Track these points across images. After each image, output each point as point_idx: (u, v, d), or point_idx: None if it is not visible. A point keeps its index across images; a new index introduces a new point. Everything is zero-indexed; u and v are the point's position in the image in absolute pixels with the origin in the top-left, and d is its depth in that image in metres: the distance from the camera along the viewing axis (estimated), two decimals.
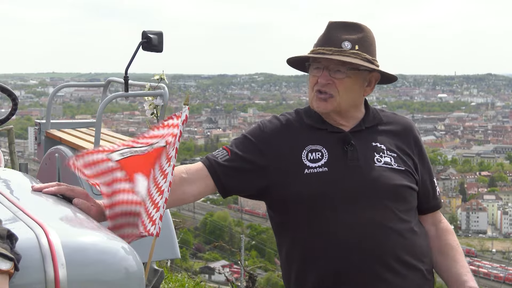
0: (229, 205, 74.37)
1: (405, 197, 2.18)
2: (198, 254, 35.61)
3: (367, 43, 2.19)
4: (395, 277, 2.10)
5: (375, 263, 2.08)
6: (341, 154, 2.15)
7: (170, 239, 3.59)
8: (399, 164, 2.19)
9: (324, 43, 2.18)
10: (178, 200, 2.15)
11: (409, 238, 2.14)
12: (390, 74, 2.23)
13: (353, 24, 2.20)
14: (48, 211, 1.80)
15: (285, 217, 2.19)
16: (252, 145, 2.19)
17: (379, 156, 2.18)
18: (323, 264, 2.10)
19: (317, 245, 2.11)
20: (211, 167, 2.16)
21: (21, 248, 1.44)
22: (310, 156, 2.15)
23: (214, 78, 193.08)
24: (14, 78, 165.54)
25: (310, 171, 2.12)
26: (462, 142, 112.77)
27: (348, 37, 2.16)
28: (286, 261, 2.23)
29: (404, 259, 2.12)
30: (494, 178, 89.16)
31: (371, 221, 2.09)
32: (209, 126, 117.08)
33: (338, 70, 2.15)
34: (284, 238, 2.23)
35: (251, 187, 2.19)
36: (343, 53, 2.13)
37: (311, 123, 2.22)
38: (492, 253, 69.10)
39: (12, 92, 3.04)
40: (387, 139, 2.24)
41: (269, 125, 2.24)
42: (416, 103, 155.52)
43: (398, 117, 2.34)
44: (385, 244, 2.09)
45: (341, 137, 2.19)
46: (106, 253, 1.53)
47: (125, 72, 3.94)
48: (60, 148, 4.28)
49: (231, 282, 7.62)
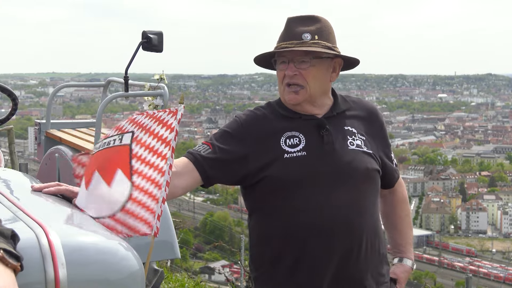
0: (229, 205, 74.44)
1: (375, 179, 2.32)
2: (198, 254, 35.62)
3: (326, 32, 2.30)
4: (364, 256, 2.25)
5: (348, 242, 2.21)
6: (317, 139, 2.27)
7: (170, 239, 3.59)
8: (367, 147, 2.32)
9: (285, 38, 2.29)
10: (170, 194, 2.16)
11: (376, 219, 2.32)
12: (351, 57, 2.34)
13: (310, 17, 2.32)
14: (48, 211, 1.81)
15: (264, 200, 2.28)
16: (231, 137, 2.29)
17: (351, 139, 2.31)
18: (299, 245, 2.20)
19: (294, 225, 2.21)
20: (196, 161, 2.24)
21: (21, 248, 1.44)
22: (289, 142, 2.26)
23: (214, 78, 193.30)
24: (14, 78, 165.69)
25: (290, 156, 2.23)
26: (462, 142, 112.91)
27: (306, 29, 2.28)
28: (259, 244, 2.33)
29: (371, 239, 2.27)
30: (494, 178, 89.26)
31: (345, 202, 2.21)
32: (209, 126, 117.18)
33: (302, 61, 2.26)
34: (260, 221, 2.32)
35: (234, 175, 2.29)
36: (304, 44, 2.25)
37: (285, 113, 2.33)
38: (492, 253, 69.17)
39: (12, 92, 3.04)
40: (356, 123, 2.37)
41: (245, 117, 2.35)
42: (416, 103, 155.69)
43: (364, 102, 2.48)
44: (357, 224, 2.22)
45: (316, 123, 2.30)
46: (106, 253, 1.53)
47: (125, 72, 3.94)
48: (60, 148, 4.29)
49: (231, 282, 7.62)
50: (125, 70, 3.93)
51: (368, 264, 2.27)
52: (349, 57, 2.33)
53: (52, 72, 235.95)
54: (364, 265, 2.25)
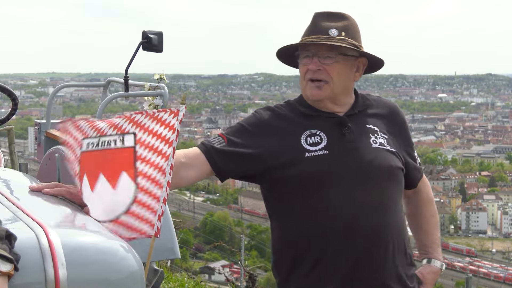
0: (229, 205, 74.42)
1: (399, 178, 2.27)
2: (198, 254, 35.60)
3: (352, 30, 2.25)
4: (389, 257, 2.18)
5: (372, 243, 2.15)
6: (339, 137, 2.21)
7: (170, 239, 3.58)
8: (390, 145, 2.27)
9: (311, 32, 2.24)
10: (175, 184, 2.16)
11: (400, 218, 2.26)
12: (377, 57, 2.29)
13: (337, 14, 2.27)
14: (48, 211, 1.81)
15: (285, 200, 2.22)
16: (247, 132, 2.24)
17: (374, 137, 2.26)
18: (322, 244, 2.15)
19: (315, 226, 2.16)
20: (208, 153, 2.19)
21: (21, 248, 1.44)
22: (309, 140, 2.20)
23: (214, 78, 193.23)
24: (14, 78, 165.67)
25: (311, 154, 2.17)
26: (462, 142, 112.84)
27: (334, 24, 2.23)
28: (281, 244, 2.27)
29: (396, 239, 2.20)
30: (494, 178, 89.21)
31: (369, 201, 2.16)
32: (209, 126, 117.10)
33: (327, 56, 2.21)
34: (280, 222, 2.26)
35: (247, 171, 2.24)
36: (331, 40, 2.20)
37: (306, 111, 2.27)
38: (492, 253, 69.12)
39: (12, 92, 3.04)
40: (378, 121, 2.32)
41: (264, 113, 2.29)
42: (416, 103, 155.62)
43: (384, 100, 2.43)
44: (381, 224, 2.17)
45: (338, 121, 2.24)
46: (106, 253, 1.53)
47: (125, 72, 3.94)
48: (60, 148, 4.27)
49: (231, 282, 7.61)
50: (125, 70, 3.93)
51: (394, 265, 2.19)
52: (375, 56, 2.28)
53: (52, 72, 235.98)
54: (390, 266, 2.18)
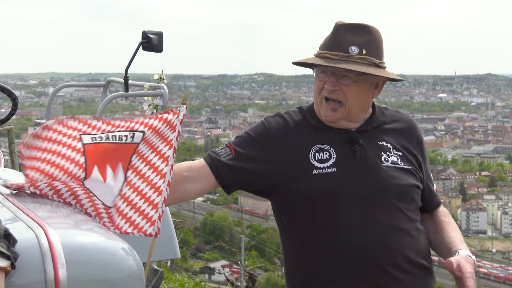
0: (229, 205, 74.34)
1: (413, 196, 2.17)
2: (198, 254, 35.58)
3: (375, 46, 2.14)
4: (405, 276, 2.11)
5: (386, 263, 2.07)
6: (349, 154, 2.13)
7: (170, 239, 3.58)
8: (405, 163, 2.18)
9: (331, 46, 2.13)
10: (179, 199, 2.15)
11: (416, 237, 2.15)
12: (397, 78, 2.18)
13: (361, 26, 2.14)
14: (48, 211, 1.80)
15: (293, 217, 2.17)
16: (255, 144, 2.17)
17: (386, 155, 2.16)
18: (334, 265, 2.09)
19: (327, 245, 2.09)
20: (213, 166, 2.14)
21: (21, 248, 1.44)
22: (318, 156, 2.12)
23: (214, 78, 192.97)
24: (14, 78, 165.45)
25: (319, 172, 2.10)
26: (462, 142, 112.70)
27: (355, 39, 2.11)
28: (292, 260, 2.21)
29: (412, 258, 2.12)
30: (494, 178, 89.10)
31: (381, 221, 2.08)
32: (209, 126, 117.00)
33: (345, 75, 2.11)
34: (291, 239, 2.21)
35: (254, 185, 2.19)
36: (350, 59, 2.09)
37: (316, 124, 2.19)
38: (492, 253, 69.05)
39: (12, 92, 3.04)
40: (393, 137, 2.22)
41: (273, 123, 2.21)
42: (416, 103, 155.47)
43: (402, 115, 2.33)
44: (395, 244, 2.09)
45: (348, 137, 2.16)
46: (106, 253, 1.53)
47: (125, 72, 3.94)
48: None
49: (231, 282, 7.61)
50: (125, 70, 3.93)
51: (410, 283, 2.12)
52: (394, 79, 2.17)
53: (52, 72, 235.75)
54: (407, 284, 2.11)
